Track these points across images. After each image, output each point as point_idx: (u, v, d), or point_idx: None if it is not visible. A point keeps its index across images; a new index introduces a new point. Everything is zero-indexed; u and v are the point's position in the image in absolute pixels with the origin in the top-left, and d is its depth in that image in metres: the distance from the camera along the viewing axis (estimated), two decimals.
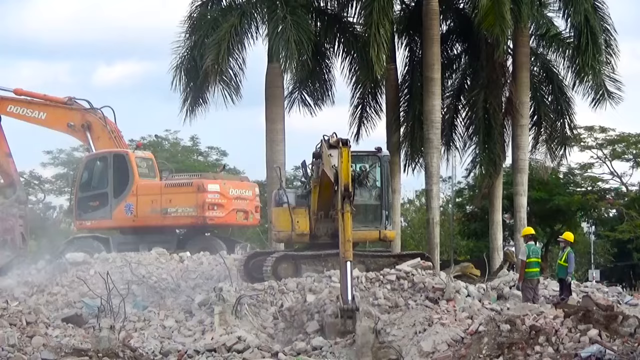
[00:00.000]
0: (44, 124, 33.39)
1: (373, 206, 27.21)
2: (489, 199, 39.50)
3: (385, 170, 27.39)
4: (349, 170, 22.43)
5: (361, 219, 26.79)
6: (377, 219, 27.20)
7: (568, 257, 25.06)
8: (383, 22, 34.99)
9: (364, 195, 27.14)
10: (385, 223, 27.20)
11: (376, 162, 27.36)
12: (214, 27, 36.34)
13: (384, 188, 27.36)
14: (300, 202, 27.63)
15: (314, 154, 26.09)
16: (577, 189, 56.77)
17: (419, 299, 24.21)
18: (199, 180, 31.50)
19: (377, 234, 27.18)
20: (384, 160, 27.40)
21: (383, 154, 27.54)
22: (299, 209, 27.33)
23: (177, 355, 20.71)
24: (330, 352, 20.10)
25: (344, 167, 22.27)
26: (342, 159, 22.41)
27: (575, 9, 37.00)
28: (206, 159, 61.35)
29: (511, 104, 38.29)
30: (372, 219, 27.19)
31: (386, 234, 27.24)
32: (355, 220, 26.44)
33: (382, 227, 27.09)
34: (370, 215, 27.21)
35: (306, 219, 26.94)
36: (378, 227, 27.11)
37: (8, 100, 33.10)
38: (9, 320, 20.86)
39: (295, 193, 28.03)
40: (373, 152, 27.62)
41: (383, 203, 27.21)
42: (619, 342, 16.44)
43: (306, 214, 27.07)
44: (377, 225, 27.13)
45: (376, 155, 27.51)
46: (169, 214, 30.92)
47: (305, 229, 27.00)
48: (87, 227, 32.18)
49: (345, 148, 22.70)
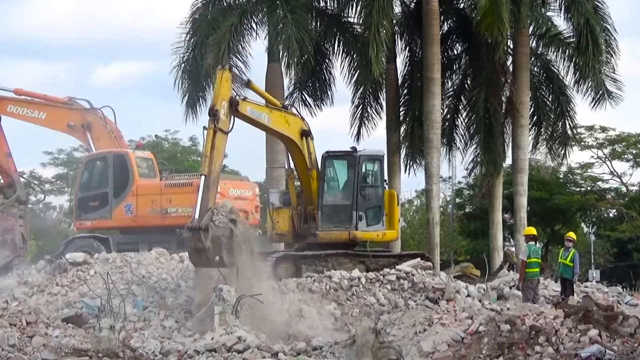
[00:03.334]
0: (44, 124, 33.36)
1: (343, 206, 27.00)
2: (489, 199, 39.52)
3: (359, 170, 27.09)
4: (219, 92, 23.34)
5: (332, 219, 26.80)
6: (347, 220, 26.92)
7: (574, 257, 25.02)
8: (383, 22, 35.03)
9: (336, 195, 27.07)
10: (356, 224, 26.81)
11: (351, 162, 27.15)
12: (214, 27, 36.37)
13: (356, 188, 27.01)
14: (287, 201, 27.77)
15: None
16: (577, 188, 56.75)
17: (419, 299, 24.24)
18: (199, 180, 31.46)
19: (347, 234, 26.92)
20: (359, 160, 27.12)
21: (359, 154, 27.26)
22: (284, 208, 27.44)
23: (177, 355, 20.71)
24: (330, 352, 20.10)
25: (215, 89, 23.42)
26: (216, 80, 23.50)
27: (578, 11, 37.01)
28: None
29: (511, 103, 38.31)
30: (343, 220, 26.96)
31: (356, 234, 26.87)
32: (328, 221, 26.63)
33: (352, 228, 26.80)
34: (341, 215, 27.00)
35: (287, 218, 27.03)
36: (348, 228, 26.86)
37: (8, 100, 33.06)
38: (9, 320, 20.84)
39: (280, 193, 28.14)
40: (349, 152, 27.40)
41: (354, 203, 26.88)
42: (619, 342, 16.42)
43: (289, 213, 27.20)
44: (347, 226, 26.86)
45: (352, 155, 27.35)
46: (169, 214, 30.90)
47: (285, 228, 27.10)
48: (87, 227, 32.16)
49: (223, 70, 23.49)
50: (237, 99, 23.90)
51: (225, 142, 23.73)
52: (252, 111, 24.93)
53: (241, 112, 24.26)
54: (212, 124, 23.11)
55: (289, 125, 26.12)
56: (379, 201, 27.50)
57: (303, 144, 26.46)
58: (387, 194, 27.82)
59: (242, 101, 24.35)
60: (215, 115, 23.12)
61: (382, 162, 28.07)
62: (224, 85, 23.66)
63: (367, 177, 27.52)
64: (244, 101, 24.47)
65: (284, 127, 26.12)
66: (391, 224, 27.72)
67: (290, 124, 26.18)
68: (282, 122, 26.04)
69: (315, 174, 26.83)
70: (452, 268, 31.64)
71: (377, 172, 27.71)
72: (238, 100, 23.96)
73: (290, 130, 26.20)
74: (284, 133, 26.19)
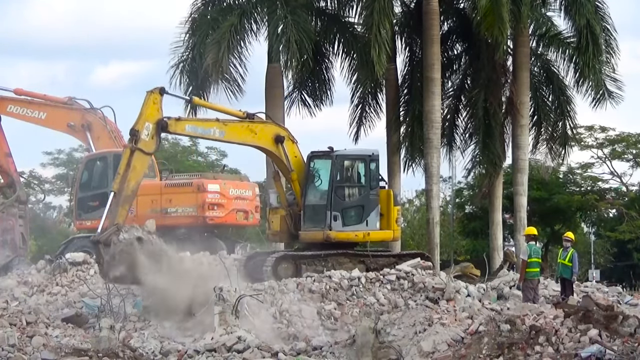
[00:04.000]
0: (44, 124, 33.37)
1: (319, 207, 26.96)
2: (489, 199, 39.50)
3: (334, 170, 26.99)
4: (142, 114, 24.11)
5: (312, 219, 26.83)
6: (322, 220, 26.88)
7: (572, 257, 25.00)
8: (383, 22, 35.01)
9: (315, 195, 27.05)
10: (330, 224, 26.71)
11: (329, 162, 27.06)
12: (214, 27, 36.35)
13: (330, 188, 26.91)
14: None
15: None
16: (577, 188, 56.75)
17: (419, 299, 24.24)
18: (199, 180, 31.49)
19: (322, 234, 26.90)
20: (334, 160, 27.03)
21: (335, 154, 27.18)
22: (280, 209, 27.46)
23: (177, 355, 20.71)
24: (330, 352, 20.10)
25: (140, 111, 24.08)
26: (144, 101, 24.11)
27: (579, 11, 37.00)
28: (206, 159, 61.32)
29: (511, 103, 38.30)
30: (319, 220, 26.93)
31: (329, 235, 26.78)
32: (308, 221, 26.77)
33: (326, 228, 26.77)
34: (319, 215, 26.97)
35: (281, 218, 27.10)
36: (322, 228, 26.84)
37: (8, 100, 33.08)
38: (9, 320, 20.88)
39: (277, 194, 28.17)
40: (327, 152, 27.36)
41: (328, 203, 26.81)
42: (619, 342, 16.42)
43: (283, 213, 27.27)
44: (321, 226, 26.84)
45: (329, 155, 27.34)
46: (169, 214, 30.91)
47: (277, 228, 27.19)
48: (87, 227, 32.14)
49: (152, 93, 24.16)
50: (165, 121, 24.57)
51: (146, 162, 24.88)
52: (193, 128, 25.90)
53: (177, 132, 25.56)
54: (131, 143, 24.11)
55: (255, 135, 26.42)
56: (361, 201, 27.27)
57: (278, 149, 26.65)
58: (384, 194, 27.66)
59: (176, 121, 25.05)
60: (135, 135, 24.07)
61: (367, 162, 27.46)
62: (150, 107, 24.42)
63: (346, 177, 27.34)
64: (178, 121, 25.15)
65: (247, 137, 26.50)
66: (388, 224, 27.58)
67: (258, 133, 26.45)
68: (243, 133, 26.39)
69: (295, 176, 26.95)
70: (452, 268, 31.60)
71: (360, 171, 27.45)
72: (167, 121, 24.61)
73: (258, 139, 26.52)
74: (249, 143, 26.74)
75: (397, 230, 28.00)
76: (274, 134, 26.67)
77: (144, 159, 24.51)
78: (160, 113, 24.62)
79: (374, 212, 27.19)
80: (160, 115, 24.53)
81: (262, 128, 26.64)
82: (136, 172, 24.22)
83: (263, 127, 26.70)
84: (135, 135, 24.05)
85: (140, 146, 24.05)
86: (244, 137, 26.61)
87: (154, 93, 24.50)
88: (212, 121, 26.05)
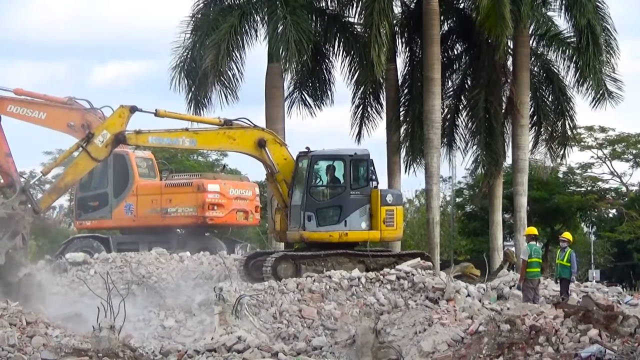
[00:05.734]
0: (44, 124, 33.20)
1: (296, 207, 26.97)
2: (489, 199, 39.50)
3: (309, 170, 26.95)
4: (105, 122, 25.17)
5: (294, 219, 26.91)
6: (298, 220, 26.85)
7: (570, 257, 24.99)
8: (383, 22, 35.00)
9: (296, 195, 27.06)
10: (304, 224, 26.62)
11: (307, 162, 27.05)
12: (213, 28, 36.32)
13: (305, 188, 26.84)
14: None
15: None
16: (577, 188, 56.76)
17: (419, 299, 24.23)
18: (199, 180, 31.53)
19: (298, 235, 27.01)
20: (310, 160, 26.99)
21: (310, 154, 27.14)
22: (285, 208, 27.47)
23: (177, 355, 20.70)
24: (330, 352, 20.11)
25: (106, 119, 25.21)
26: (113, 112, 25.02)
27: (580, 11, 36.98)
28: (206, 159, 61.34)
29: (511, 103, 38.30)
30: (296, 220, 26.94)
31: (302, 234, 26.79)
32: (292, 221, 26.97)
33: (300, 228, 26.76)
34: (296, 215, 26.96)
35: (283, 218, 27.16)
36: (298, 229, 26.85)
37: (8, 100, 32.94)
38: (9, 320, 20.83)
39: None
40: (303, 153, 27.35)
41: (303, 203, 26.77)
42: (619, 342, 16.41)
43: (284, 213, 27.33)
44: (297, 227, 26.88)
45: (306, 155, 27.30)
46: (169, 214, 30.96)
47: (279, 227, 27.28)
48: (87, 227, 32.21)
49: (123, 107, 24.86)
50: (124, 135, 25.09)
51: (90, 166, 25.57)
52: (158, 140, 26.22)
53: (139, 144, 26.22)
54: (82, 142, 25.07)
55: (234, 141, 26.58)
56: (338, 201, 27.03)
57: (261, 153, 26.73)
58: (374, 195, 27.44)
59: (137, 134, 25.43)
60: (89, 137, 25.01)
61: (347, 162, 27.07)
62: (114, 119, 25.22)
63: (321, 177, 27.33)
64: (139, 134, 25.49)
65: (224, 144, 26.94)
66: (375, 225, 27.25)
67: (237, 139, 26.58)
68: (219, 140, 26.75)
69: (281, 177, 27.05)
70: (452, 268, 31.61)
71: (338, 172, 27.28)
72: (126, 135, 25.14)
73: (237, 144, 26.69)
74: (228, 149, 26.87)
75: (385, 231, 27.27)
76: (256, 138, 26.74)
77: (88, 162, 25.19)
78: (123, 127, 25.22)
79: (357, 212, 26.97)
80: (122, 129, 25.14)
81: (242, 133, 26.69)
82: (76, 170, 25.13)
83: (243, 132, 26.74)
84: (89, 137, 24.96)
85: (89, 149, 24.84)
86: (220, 144, 27.23)
87: (124, 108, 25.16)
88: (180, 131, 26.17)
